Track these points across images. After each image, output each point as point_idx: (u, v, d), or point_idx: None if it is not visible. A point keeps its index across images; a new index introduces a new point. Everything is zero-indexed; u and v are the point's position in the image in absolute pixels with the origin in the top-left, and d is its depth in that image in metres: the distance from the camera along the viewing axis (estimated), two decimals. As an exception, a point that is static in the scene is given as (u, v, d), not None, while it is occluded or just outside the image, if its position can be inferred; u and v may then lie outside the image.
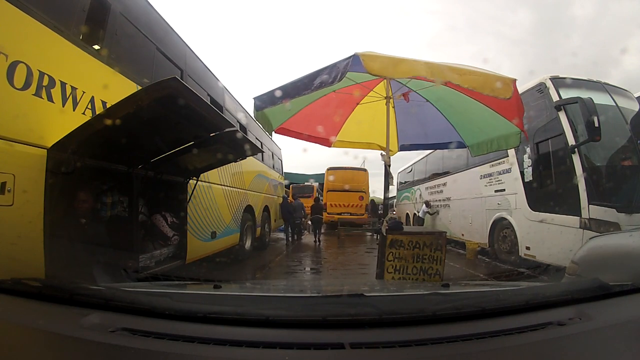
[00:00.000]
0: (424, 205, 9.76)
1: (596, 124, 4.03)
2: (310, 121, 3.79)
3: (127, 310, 0.91)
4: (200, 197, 4.18)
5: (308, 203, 11.10)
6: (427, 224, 9.53)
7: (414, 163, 12.47)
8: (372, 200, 13.86)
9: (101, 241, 2.46)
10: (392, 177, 4.70)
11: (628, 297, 1.04)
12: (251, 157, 5.54)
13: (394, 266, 3.33)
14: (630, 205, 4.21)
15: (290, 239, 9.34)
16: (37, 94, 2.08)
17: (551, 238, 4.77)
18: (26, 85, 2.01)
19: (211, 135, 2.75)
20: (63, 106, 2.28)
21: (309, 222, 10.28)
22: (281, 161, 10.31)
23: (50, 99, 2.18)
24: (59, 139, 2.08)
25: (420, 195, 11.30)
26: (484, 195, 6.80)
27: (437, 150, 8.57)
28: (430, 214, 9.52)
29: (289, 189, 15.20)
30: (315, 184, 17.18)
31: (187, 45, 4.23)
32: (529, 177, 5.41)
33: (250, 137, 5.15)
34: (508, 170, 6.01)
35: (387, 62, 2.38)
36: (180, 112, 2.25)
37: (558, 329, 0.86)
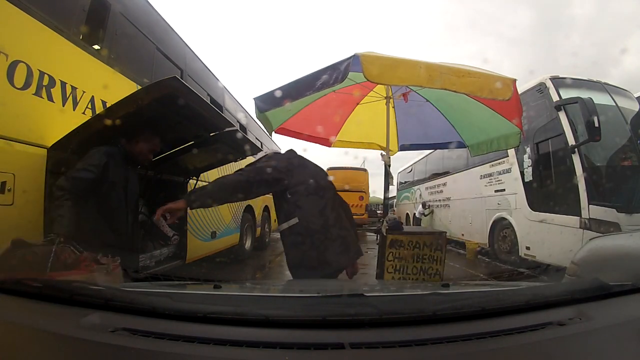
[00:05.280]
0: (421, 206, 9.81)
1: (596, 124, 4.03)
2: (310, 121, 3.78)
3: (127, 310, 0.91)
4: (200, 197, 4.17)
5: None
6: (425, 224, 9.55)
7: (414, 163, 12.47)
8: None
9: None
10: (392, 177, 4.70)
11: (628, 297, 1.04)
12: (251, 157, 5.54)
13: (394, 266, 3.33)
14: (630, 205, 4.22)
15: None
16: (37, 93, 2.08)
17: (551, 238, 4.77)
18: (26, 85, 2.01)
19: (211, 134, 2.75)
20: (63, 106, 2.28)
21: None
22: (281, 161, 10.31)
23: (50, 98, 2.18)
24: (59, 139, 2.08)
25: (420, 195, 11.31)
26: (484, 195, 6.80)
27: (437, 150, 8.58)
28: (425, 215, 9.56)
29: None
30: (315, 184, 17.16)
31: (187, 45, 4.23)
32: (529, 177, 5.41)
33: (250, 137, 5.14)
34: (508, 170, 6.02)
35: (386, 65, 2.37)
36: (180, 111, 2.25)
37: (558, 329, 0.86)
